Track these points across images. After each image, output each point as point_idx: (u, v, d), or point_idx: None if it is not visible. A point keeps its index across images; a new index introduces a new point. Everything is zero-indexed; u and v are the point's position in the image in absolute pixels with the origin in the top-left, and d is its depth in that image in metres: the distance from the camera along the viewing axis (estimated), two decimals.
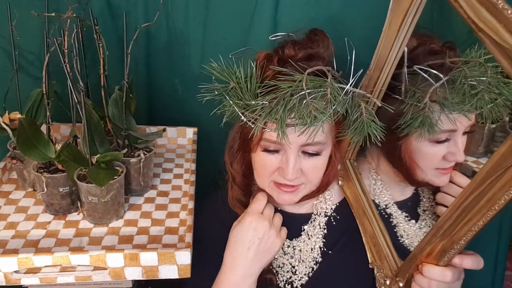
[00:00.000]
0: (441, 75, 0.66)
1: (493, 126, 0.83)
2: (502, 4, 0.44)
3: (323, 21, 0.89)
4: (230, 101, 0.65)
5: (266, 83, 0.63)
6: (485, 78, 0.65)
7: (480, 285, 1.02)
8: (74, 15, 0.74)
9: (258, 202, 0.73)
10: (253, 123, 0.65)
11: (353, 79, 0.64)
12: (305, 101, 0.61)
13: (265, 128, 0.65)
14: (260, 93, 0.64)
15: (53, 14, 0.74)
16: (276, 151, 0.68)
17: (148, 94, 1.02)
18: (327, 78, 0.62)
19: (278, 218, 0.74)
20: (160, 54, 0.98)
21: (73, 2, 0.76)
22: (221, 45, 0.95)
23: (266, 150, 0.69)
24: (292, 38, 0.72)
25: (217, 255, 0.72)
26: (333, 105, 0.62)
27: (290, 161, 0.67)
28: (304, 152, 0.68)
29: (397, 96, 0.70)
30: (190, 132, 1.01)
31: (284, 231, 0.73)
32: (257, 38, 0.91)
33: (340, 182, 0.83)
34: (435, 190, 0.83)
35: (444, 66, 0.69)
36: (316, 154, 0.69)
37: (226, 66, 0.65)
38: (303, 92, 0.60)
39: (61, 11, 0.75)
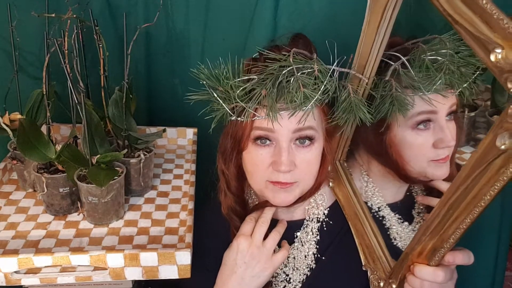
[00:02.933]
0: (400, 55, 0.67)
1: (472, 114, 0.83)
2: None
3: (323, 21, 0.90)
4: (218, 98, 0.65)
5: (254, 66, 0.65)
6: (445, 51, 0.65)
7: (480, 285, 1.03)
8: (74, 15, 0.74)
9: (246, 225, 0.72)
10: (243, 112, 0.64)
11: (338, 59, 0.64)
12: (293, 77, 0.61)
13: (255, 115, 0.65)
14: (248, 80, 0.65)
15: (53, 15, 0.74)
16: (267, 145, 0.68)
17: (148, 94, 1.02)
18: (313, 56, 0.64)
19: (272, 240, 0.71)
20: (160, 55, 0.98)
21: (73, 3, 0.76)
22: (221, 45, 0.95)
23: (257, 142, 0.68)
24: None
25: (208, 270, 0.72)
26: (323, 84, 0.62)
27: (283, 150, 0.66)
28: (297, 145, 0.68)
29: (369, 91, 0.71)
30: (190, 133, 1.01)
31: (281, 255, 0.71)
32: (257, 38, 0.91)
33: (331, 184, 0.82)
34: (429, 192, 0.82)
35: (407, 51, 0.69)
36: (309, 144, 0.68)
37: (212, 70, 0.65)
38: (291, 67, 0.61)
39: (61, 12, 0.75)
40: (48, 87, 0.71)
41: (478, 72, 0.67)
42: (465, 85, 0.67)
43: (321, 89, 0.63)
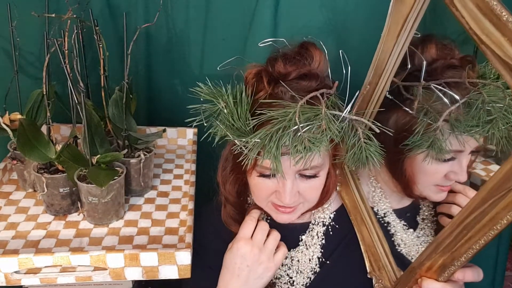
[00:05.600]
0: (458, 98, 0.63)
1: None
2: (506, 16, 0.41)
3: (324, 21, 0.89)
4: (221, 126, 0.63)
5: (259, 113, 0.61)
6: (501, 105, 0.62)
7: (480, 286, 1.02)
8: (74, 16, 0.74)
9: (247, 227, 0.71)
10: (245, 147, 0.62)
11: (349, 105, 0.62)
12: (299, 134, 0.58)
13: (259, 157, 0.63)
14: (252, 118, 0.62)
15: (53, 15, 0.74)
16: (272, 175, 0.66)
17: (148, 94, 1.02)
18: (321, 102, 0.60)
19: (273, 240, 0.71)
20: (160, 55, 0.98)
21: (73, 3, 0.76)
22: (221, 45, 0.95)
23: (262, 175, 0.67)
24: (282, 45, 0.70)
25: (211, 269, 0.71)
26: (328, 136, 0.59)
27: (287, 186, 0.65)
28: (302, 175, 0.67)
29: (408, 110, 0.68)
30: (190, 133, 1.01)
31: (281, 253, 0.71)
32: (257, 38, 0.91)
33: (338, 188, 0.81)
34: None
35: (462, 85, 0.66)
36: (314, 176, 0.67)
37: (214, 87, 0.64)
38: (296, 127, 0.58)
39: (61, 12, 0.75)
40: (48, 87, 0.71)
41: None
42: (496, 130, 0.65)
43: (327, 140, 0.59)
